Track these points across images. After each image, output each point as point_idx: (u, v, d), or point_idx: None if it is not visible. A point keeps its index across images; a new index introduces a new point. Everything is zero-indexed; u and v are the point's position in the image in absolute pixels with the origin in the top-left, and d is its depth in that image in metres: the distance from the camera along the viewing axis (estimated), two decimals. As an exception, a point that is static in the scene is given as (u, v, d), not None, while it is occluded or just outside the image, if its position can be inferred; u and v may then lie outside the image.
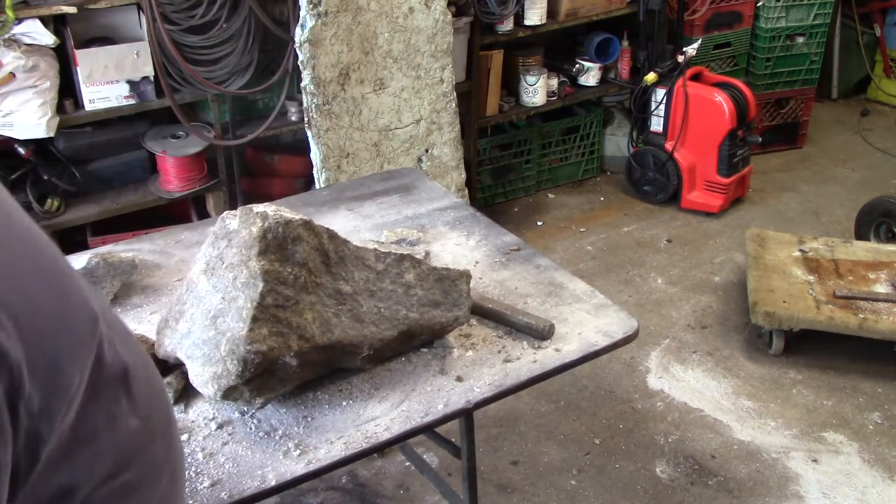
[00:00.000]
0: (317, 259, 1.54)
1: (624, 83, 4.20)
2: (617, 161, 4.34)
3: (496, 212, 3.95)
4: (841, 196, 4.17)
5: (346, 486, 2.53)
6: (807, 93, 4.51)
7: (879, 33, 5.00)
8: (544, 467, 2.60)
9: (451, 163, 3.42)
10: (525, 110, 3.94)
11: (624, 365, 3.03)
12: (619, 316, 1.74)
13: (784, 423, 2.76)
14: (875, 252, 3.27)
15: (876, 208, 3.55)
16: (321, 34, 2.97)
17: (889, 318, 2.90)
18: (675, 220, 3.97)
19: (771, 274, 3.14)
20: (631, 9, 3.97)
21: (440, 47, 3.25)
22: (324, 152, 3.09)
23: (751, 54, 4.46)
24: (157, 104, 3.04)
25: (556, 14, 3.81)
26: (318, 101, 3.03)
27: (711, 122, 3.85)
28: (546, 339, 1.67)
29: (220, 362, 1.42)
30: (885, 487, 2.51)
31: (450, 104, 3.34)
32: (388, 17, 3.10)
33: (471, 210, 2.17)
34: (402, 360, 1.62)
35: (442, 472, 2.50)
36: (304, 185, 3.46)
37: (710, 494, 2.50)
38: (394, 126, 3.24)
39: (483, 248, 2.00)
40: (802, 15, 4.38)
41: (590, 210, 4.08)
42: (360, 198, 2.24)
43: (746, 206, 4.10)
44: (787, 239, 3.37)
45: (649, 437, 2.72)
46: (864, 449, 2.66)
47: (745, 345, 3.14)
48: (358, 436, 1.45)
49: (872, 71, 5.12)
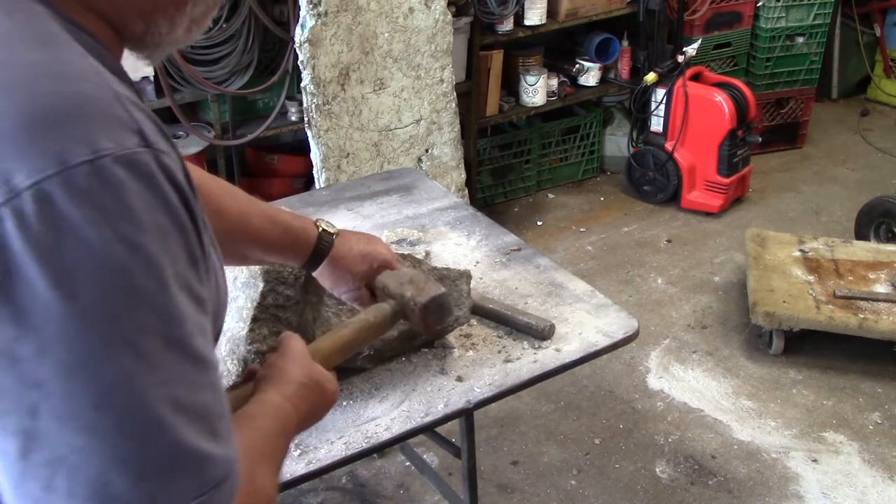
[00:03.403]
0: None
1: (624, 83, 4.20)
2: (617, 161, 4.34)
3: (496, 212, 3.95)
4: (841, 196, 4.17)
5: (346, 486, 2.53)
6: (807, 93, 4.51)
7: (879, 33, 5.00)
8: (544, 467, 2.60)
9: (451, 163, 3.42)
10: (525, 110, 3.94)
11: (624, 365, 3.03)
12: (620, 316, 1.74)
13: (784, 423, 2.76)
14: (875, 252, 3.27)
15: (876, 208, 3.55)
16: (321, 34, 2.97)
17: (889, 318, 2.90)
18: (675, 220, 3.97)
19: (771, 274, 3.14)
20: (631, 9, 3.97)
21: (440, 47, 3.25)
22: (324, 152, 3.09)
23: (751, 54, 4.46)
24: (157, 104, 3.04)
25: (556, 14, 3.81)
26: (318, 101, 3.03)
27: (711, 122, 3.85)
28: (546, 339, 1.67)
29: (220, 362, 1.42)
30: (885, 487, 2.52)
31: (450, 104, 3.34)
32: (388, 17, 3.10)
33: (471, 210, 2.17)
34: (402, 360, 1.62)
35: (442, 472, 2.50)
36: (304, 185, 3.46)
37: (710, 494, 2.50)
38: (394, 126, 3.24)
39: (483, 248, 2.00)
40: (802, 15, 4.38)
41: (590, 210, 4.08)
42: (360, 198, 2.24)
43: (746, 206, 4.10)
44: (787, 239, 3.37)
45: (649, 437, 2.72)
46: (864, 449, 2.66)
47: (745, 345, 3.14)
48: (358, 436, 1.46)
49: (872, 71, 5.12)
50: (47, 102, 0.64)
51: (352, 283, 1.35)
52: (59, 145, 0.62)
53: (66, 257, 0.61)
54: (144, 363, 0.63)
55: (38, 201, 0.61)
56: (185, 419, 0.65)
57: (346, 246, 1.35)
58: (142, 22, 0.77)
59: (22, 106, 0.64)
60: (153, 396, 0.63)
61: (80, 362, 0.62)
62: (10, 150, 0.62)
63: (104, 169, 0.63)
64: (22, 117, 0.63)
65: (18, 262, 0.61)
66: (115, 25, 0.77)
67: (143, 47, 0.80)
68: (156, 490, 0.64)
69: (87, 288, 0.62)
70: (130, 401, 0.63)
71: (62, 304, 0.61)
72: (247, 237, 1.24)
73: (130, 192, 0.64)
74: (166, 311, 0.65)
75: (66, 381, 0.62)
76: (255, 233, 1.26)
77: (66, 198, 0.61)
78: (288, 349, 1.05)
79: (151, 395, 0.63)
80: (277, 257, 1.35)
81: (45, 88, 0.65)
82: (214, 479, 0.66)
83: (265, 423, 0.91)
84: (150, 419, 0.63)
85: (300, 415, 0.98)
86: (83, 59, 0.69)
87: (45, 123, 0.63)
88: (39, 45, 0.68)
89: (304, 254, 1.33)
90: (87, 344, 0.62)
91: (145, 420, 0.63)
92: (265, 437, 0.89)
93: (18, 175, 0.61)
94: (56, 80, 0.65)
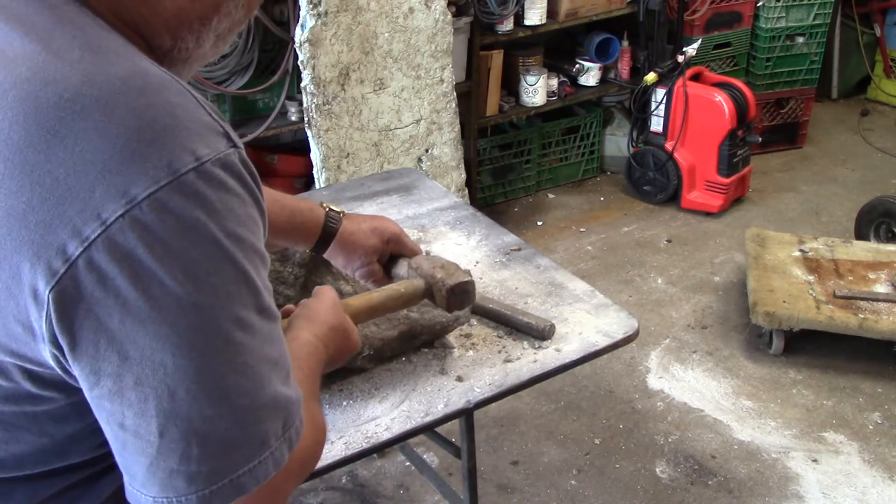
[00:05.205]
0: (317, 259, 1.54)
1: (624, 83, 4.20)
2: (617, 161, 4.34)
3: (496, 212, 3.95)
4: (841, 196, 4.17)
5: (346, 486, 2.53)
6: (807, 93, 4.51)
7: (879, 33, 5.00)
8: (544, 467, 2.60)
9: (451, 163, 3.42)
10: (525, 110, 3.94)
11: (624, 365, 3.03)
12: (620, 316, 1.74)
13: (784, 423, 2.76)
14: (875, 252, 3.27)
15: (876, 208, 3.55)
16: (321, 34, 2.97)
17: (889, 318, 2.90)
18: (675, 220, 3.97)
19: (771, 274, 3.14)
20: (631, 9, 3.97)
21: (440, 47, 3.25)
22: (324, 152, 3.09)
23: (751, 54, 4.46)
24: (157, 104, 3.04)
25: (556, 14, 3.81)
26: (318, 101, 3.03)
27: (711, 122, 3.85)
28: (546, 339, 1.67)
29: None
30: (885, 487, 2.52)
31: (450, 104, 3.34)
32: (388, 17, 3.10)
33: (471, 210, 2.17)
34: (402, 360, 1.62)
35: (442, 472, 2.50)
36: (304, 185, 3.46)
37: (710, 494, 2.50)
38: (394, 126, 3.24)
39: (483, 248, 2.00)
40: (802, 15, 4.38)
41: (590, 210, 4.08)
42: (360, 198, 2.24)
43: (746, 206, 4.10)
44: (787, 239, 3.37)
45: (649, 437, 2.72)
46: (864, 449, 2.66)
47: (745, 345, 3.14)
48: (358, 436, 1.45)
49: (872, 71, 5.12)
50: (146, 116, 0.70)
51: (364, 257, 1.38)
52: (166, 156, 0.69)
53: (189, 256, 0.69)
54: (250, 333, 0.74)
55: (155, 210, 0.68)
56: (275, 372, 0.77)
57: (354, 223, 1.38)
58: (169, 37, 0.81)
59: (124, 122, 0.69)
60: (259, 358, 0.74)
61: (211, 347, 0.71)
62: (122, 165, 0.68)
63: (208, 173, 0.71)
64: (127, 133, 0.69)
65: (146, 266, 0.68)
66: (146, 39, 0.80)
67: (171, 63, 0.83)
68: (258, 433, 0.75)
69: (208, 279, 0.71)
70: (246, 368, 0.73)
71: (192, 297, 0.70)
72: None
73: (230, 190, 0.72)
74: (255, 286, 0.75)
75: (201, 363, 0.71)
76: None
77: (182, 203, 0.69)
78: (322, 295, 1.15)
79: (257, 357, 0.74)
80: (287, 241, 1.37)
81: (140, 102, 0.70)
82: (292, 418, 0.79)
83: (304, 361, 0.99)
84: (259, 378, 0.74)
85: (328, 355, 1.07)
86: (154, 66, 0.74)
87: (150, 137, 0.69)
88: (114, 56, 0.73)
89: (313, 235, 1.35)
90: (214, 328, 0.71)
91: (256, 380, 0.74)
92: (308, 376, 0.97)
93: (135, 187, 0.68)
94: (146, 93, 0.71)
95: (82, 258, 0.67)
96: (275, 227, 1.30)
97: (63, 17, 0.73)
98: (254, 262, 0.74)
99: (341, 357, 1.13)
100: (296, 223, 1.34)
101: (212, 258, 0.70)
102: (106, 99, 0.69)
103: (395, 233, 1.41)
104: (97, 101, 0.69)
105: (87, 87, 0.69)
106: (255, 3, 0.86)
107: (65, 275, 0.68)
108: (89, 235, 0.67)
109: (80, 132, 0.68)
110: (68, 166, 0.68)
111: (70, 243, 0.67)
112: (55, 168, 0.68)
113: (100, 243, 0.67)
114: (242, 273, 0.73)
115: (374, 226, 1.40)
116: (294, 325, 1.06)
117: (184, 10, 0.79)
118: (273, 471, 0.76)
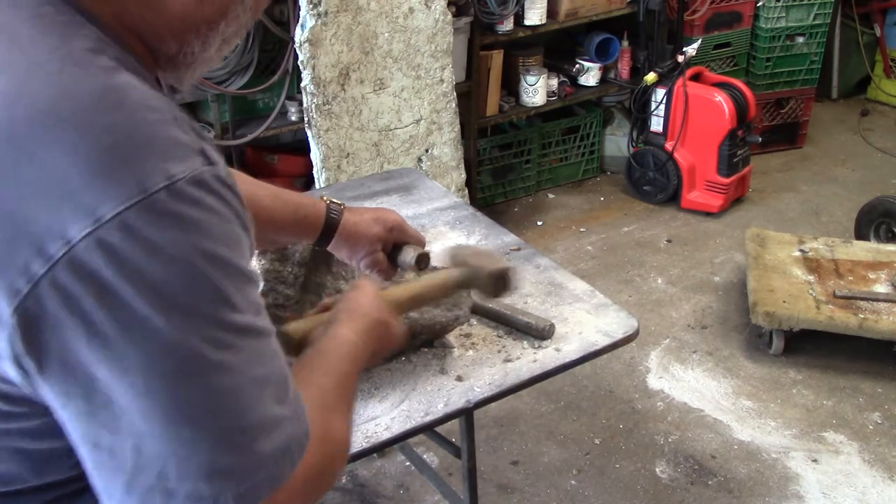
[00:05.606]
0: (317, 258, 1.54)
1: (624, 83, 4.20)
2: (617, 161, 4.34)
3: (496, 212, 3.95)
4: (841, 196, 4.17)
5: (346, 486, 2.53)
6: (807, 93, 4.51)
7: (879, 33, 5.00)
8: (544, 467, 2.60)
9: (451, 163, 3.42)
10: (525, 110, 3.94)
11: (624, 365, 3.03)
12: (620, 316, 1.74)
13: (784, 423, 2.76)
14: (875, 252, 3.27)
15: (876, 208, 3.55)
16: (321, 34, 2.97)
17: (889, 318, 2.90)
18: (675, 220, 3.97)
19: (771, 274, 3.14)
20: (631, 9, 3.97)
21: (440, 47, 3.25)
22: (324, 152, 3.09)
23: (751, 54, 4.46)
24: (158, 104, 3.04)
25: (556, 14, 3.81)
26: (318, 101, 3.03)
27: (711, 122, 3.85)
28: (546, 338, 1.67)
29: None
30: (885, 487, 2.52)
31: (450, 104, 3.34)
32: (388, 17, 3.10)
33: (471, 210, 2.17)
34: (402, 360, 1.62)
35: (442, 472, 2.50)
36: (304, 185, 3.46)
37: (710, 494, 2.50)
38: (394, 126, 3.24)
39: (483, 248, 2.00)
40: (802, 15, 4.38)
41: (590, 210, 4.08)
42: (360, 198, 2.24)
43: (746, 206, 4.10)
44: (787, 239, 3.37)
45: (649, 437, 2.72)
46: (864, 449, 2.66)
47: (745, 345, 3.13)
48: (358, 436, 1.45)
49: (872, 71, 5.12)
50: (120, 134, 0.68)
51: (368, 246, 1.38)
52: (138, 175, 0.67)
53: (157, 277, 0.67)
54: (231, 353, 0.71)
55: (122, 230, 0.66)
56: (265, 391, 0.74)
57: (356, 213, 1.39)
58: (174, 42, 0.79)
59: (96, 139, 0.67)
60: (243, 378, 0.72)
61: (185, 368, 0.69)
62: (90, 183, 0.67)
63: (181, 192, 0.69)
64: (99, 151, 0.67)
65: (114, 288, 0.66)
66: (150, 45, 0.79)
67: (176, 68, 0.82)
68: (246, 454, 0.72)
69: (178, 300, 0.68)
70: (227, 389, 0.71)
71: (160, 319, 0.68)
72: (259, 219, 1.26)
73: (206, 208, 0.70)
74: (234, 305, 0.72)
75: (174, 385, 0.69)
76: (267, 214, 1.28)
77: (150, 223, 0.67)
78: (363, 288, 1.14)
79: (241, 377, 0.72)
80: (290, 236, 1.37)
81: (114, 119, 0.69)
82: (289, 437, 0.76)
83: (337, 366, 0.97)
84: (245, 398, 0.72)
85: (368, 350, 1.05)
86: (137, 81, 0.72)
87: (122, 155, 0.68)
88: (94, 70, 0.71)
89: (316, 229, 1.35)
90: (186, 349, 0.69)
91: (241, 400, 0.72)
92: (338, 381, 0.94)
93: (103, 207, 0.66)
94: (122, 110, 0.69)
95: (46, 278, 0.66)
96: (279, 222, 1.30)
97: (50, 27, 0.72)
98: (234, 279, 0.72)
99: (383, 350, 1.12)
100: (299, 217, 1.34)
101: (182, 278, 0.68)
102: (80, 114, 0.68)
103: (398, 221, 1.41)
104: (71, 116, 0.68)
105: (63, 101, 0.68)
106: (261, 6, 0.85)
107: (28, 295, 0.66)
108: (53, 255, 0.66)
109: (51, 148, 0.67)
110: (36, 184, 0.66)
111: (34, 262, 0.66)
112: (22, 186, 0.66)
113: (64, 263, 0.66)
114: (218, 292, 0.71)
115: (376, 215, 1.41)
116: (336, 320, 1.05)
117: (190, 14, 0.78)
118: (268, 492, 0.74)
